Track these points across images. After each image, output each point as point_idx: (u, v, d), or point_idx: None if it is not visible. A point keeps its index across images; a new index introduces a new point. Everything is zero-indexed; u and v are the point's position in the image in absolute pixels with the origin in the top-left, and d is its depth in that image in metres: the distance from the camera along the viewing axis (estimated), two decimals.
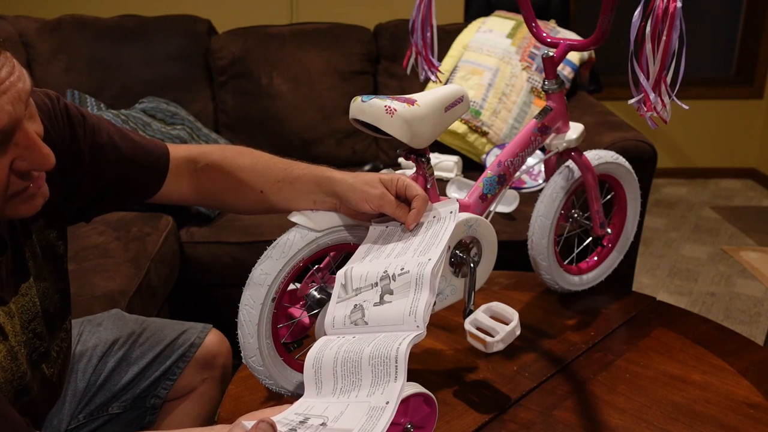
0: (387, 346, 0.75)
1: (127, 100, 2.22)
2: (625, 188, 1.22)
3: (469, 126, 2.15)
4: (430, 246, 0.83)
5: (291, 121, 2.32)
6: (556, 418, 0.92)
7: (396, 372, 0.74)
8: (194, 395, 1.12)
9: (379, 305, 0.80)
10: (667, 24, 0.85)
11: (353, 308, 0.82)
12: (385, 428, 0.70)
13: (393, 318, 0.79)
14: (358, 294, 0.82)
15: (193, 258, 1.84)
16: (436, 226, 0.87)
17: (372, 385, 0.75)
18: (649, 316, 1.18)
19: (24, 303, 0.80)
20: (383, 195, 0.85)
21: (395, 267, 0.81)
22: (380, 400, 0.73)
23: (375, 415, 0.71)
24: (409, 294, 0.79)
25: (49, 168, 0.69)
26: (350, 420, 0.72)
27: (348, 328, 0.81)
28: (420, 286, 0.79)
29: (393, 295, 0.80)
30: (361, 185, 0.86)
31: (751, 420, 0.91)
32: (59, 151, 0.82)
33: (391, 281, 0.81)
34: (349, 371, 0.77)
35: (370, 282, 0.82)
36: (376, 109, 0.84)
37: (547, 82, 1.09)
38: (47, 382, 0.86)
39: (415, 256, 0.82)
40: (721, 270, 2.68)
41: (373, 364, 0.75)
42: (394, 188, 0.87)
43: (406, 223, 0.86)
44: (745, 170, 3.76)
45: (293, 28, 2.45)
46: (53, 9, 2.61)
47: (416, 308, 0.78)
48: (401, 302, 0.79)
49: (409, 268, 0.80)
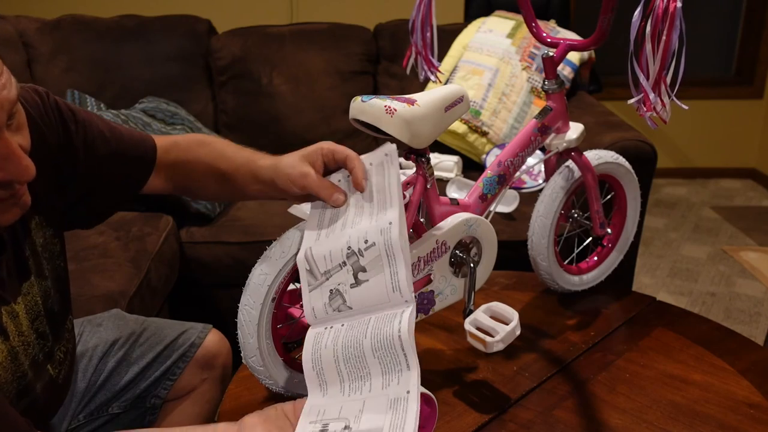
0: (385, 333, 0.72)
1: (127, 100, 2.22)
2: (625, 188, 1.22)
3: (469, 126, 2.15)
4: (383, 203, 0.78)
5: (291, 121, 2.32)
6: (556, 418, 0.92)
7: (406, 360, 0.71)
8: (194, 395, 1.12)
9: (357, 286, 0.76)
10: (667, 24, 0.85)
11: (330, 294, 0.78)
12: (416, 419, 0.67)
13: (377, 298, 0.76)
14: (328, 278, 0.78)
15: (193, 258, 1.84)
16: (377, 177, 0.80)
17: (383, 375, 0.71)
18: (649, 316, 1.18)
19: (27, 302, 0.80)
20: (306, 174, 0.81)
21: (357, 240, 0.76)
22: (399, 390, 0.70)
23: (400, 408, 0.68)
24: (384, 268, 0.75)
25: (27, 180, 0.68)
26: (374, 418, 0.68)
27: (332, 316, 0.78)
28: (392, 257, 0.75)
29: (367, 273, 0.76)
30: (284, 168, 0.83)
31: (751, 420, 0.91)
32: (53, 147, 0.83)
33: (359, 257, 0.76)
34: (354, 367, 0.73)
35: (337, 262, 0.77)
36: (376, 109, 0.84)
37: (547, 82, 1.09)
38: (53, 383, 0.86)
39: (372, 220, 0.77)
40: (721, 270, 2.68)
41: (379, 356, 0.72)
42: (320, 161, 0.83)
43: (359, 189, 0.81)
44: (745, 170, 3.76)
45: (293, 28, 2.45)
46: (53, 9, 2.61)
47: (398, 282, 0.74)
48: (379, 279, 0.75)
49: (373, 238, 0.75)
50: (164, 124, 2.02)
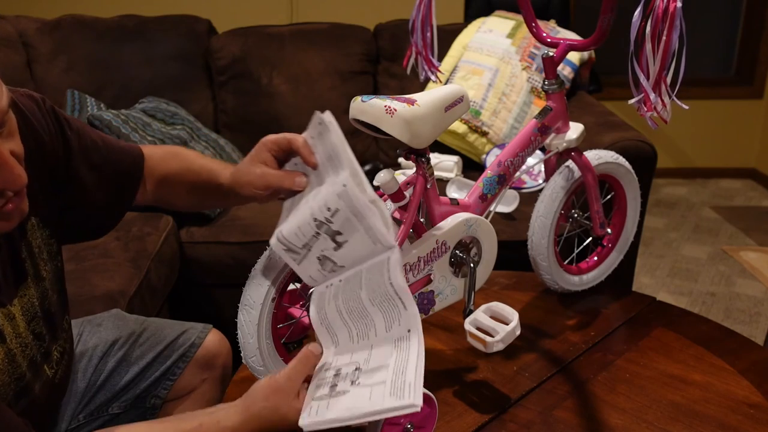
0: (377, 282, 0.76)
1: (127, 100, 2.22)
2: (625, 188, 1.22)
3: (469, 126, 2.15)
4: (335, 168, 0.78)
5: (291, 121, 2.32)
6: (556, 418, 0.92)
7: (402, 302, 0.75)
8: (194, 395, 1.12)
9: (340, 248, 0.79)
10: (667, 24, 0.85)
11: (319, 261, 0.80)
12: (419, 356, 0.71)
13: (362, 251, 0.78)
14: (309, 249, 0.80)
15: (193, 258, 1.84)
16: (322, 147, 0.81)
17: (385, 320, 0.76)
18: (649, 316, 1.18)
19: (23, 304, 0.80)
20: (262, 174, 0.84)
21: (320, 210, 0.77)
22: (401, 330, 0.74)
23: (403, 346, 0.73)
24: (357, 226, 0.77)
25: (18, 188, 0.68)
26: (382, 357, 0.73)
27: (329, 276, 0.81)
28: (359, 215, 0.76)
29: (343, 234, 0.78)
30: (240, 177, 0.86)
31: (751, 420, 0.91)
32: (49, 150, 0.84)
33: (328, 224, 0.77)
34: (357, 316, 0.78)
35: (310, 234, 0.78)
36: (376, 109, 0.84)
37: (547, 82, 1.09)
38: (50, 383, 0.86)
39: (329, 187, 0.77)
40: (721, 270, 2.68)
41: (377, 304, 0.76)
42: (269, 156, 0.85)
43: (310, 164, 0.81)
44: (745, 170, 3.76)
45: (293, 28, 2.45)
46: (53, 9, 2.61)
47: (375, 234, 0.77)
48: (357, 237, 0.77)
49: (335, 204, 0.76)
50: (164, 124, 2.01)
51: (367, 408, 0.70)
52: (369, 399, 0.71)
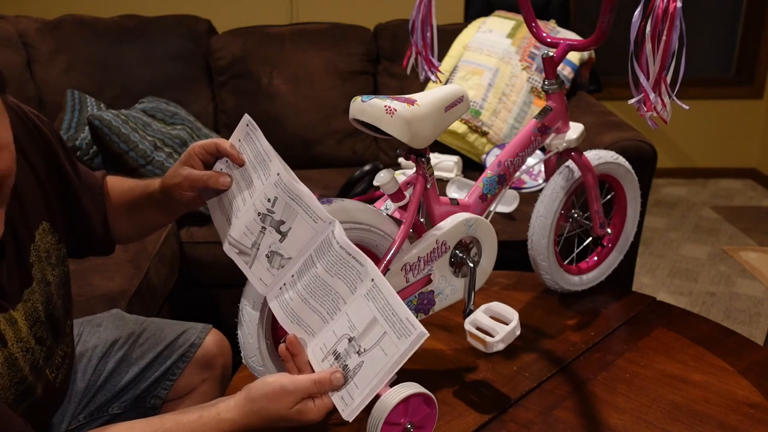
0: (329, 252, 0.78)
1: (127, 100, 2.22)
2: (625, 188, 1.22)
3: (469, 126, 2.15)
4: (264, 164, 0.83)
5: (291, 121, 2.32)
6: (556, 418, 0.92)
7: (356, 260, 0.76)
8: (194, 395, 1.12)
9: (285, 238, 0.81)
10: (667, 24, 0.85)
11: (267, 259, 0.82)
12: (394, 295, 0.73)
13: (306, 236, 0.80)
14: (258, 247, 0.83)
15: (193, 258, 1.84)
16: (250, 147, 0.85)
17: (348, 284, 0.77)
18: (649, 316, 1.18)
19: (26, 309, 0.80)
20: (188, 175, 0.86)
21: (261, 203, 0.82)
22: (365, 284, 0.76)
23: (375, 294, 0.75)
24: (296, 210, 0.80)
25: None
26: (364, 315, 0.75)
27: (279, 275, 0.82)
28: (297, 198, 0.80)
29: (286, 222, 0.81)
30: (169, 180, 0.88)
31: (751, 420, 0.91)
32: (57, 154, 0.87)
33: (271, 216, 0.81)
34: (321, 295, 0.79)
35: (257, 230, 0.83)
36: (376, 109, 0.84)
37: (547, 82, 1.09)
38: (51, 386, 0.86)
39: (264, 181, 0.82)
40: (721, 270, 2.68)
41: (335, 272, 0.78)
42: (196, 160, 0.87)
43: (238, 163, 0.85)
44: (745, 170, 3.76)
45: (293, 28, 2.45)
46: (53, 9, 2.61)
47: (314, 212, 0.79)
48: (298, 221, 0.80)
49: (273, 193, 0.81)
50: (164, 124, 2.01)
51: (389, 362, 0.73)
52: (385, 355, 0.73)
